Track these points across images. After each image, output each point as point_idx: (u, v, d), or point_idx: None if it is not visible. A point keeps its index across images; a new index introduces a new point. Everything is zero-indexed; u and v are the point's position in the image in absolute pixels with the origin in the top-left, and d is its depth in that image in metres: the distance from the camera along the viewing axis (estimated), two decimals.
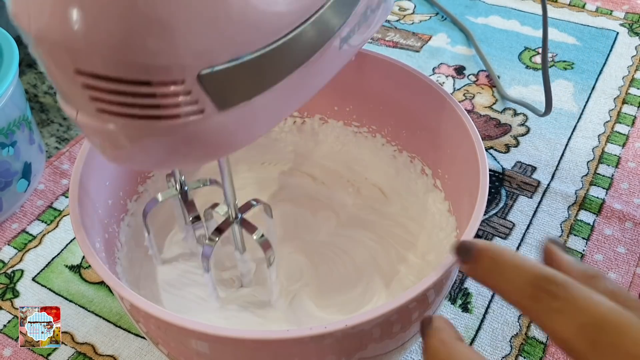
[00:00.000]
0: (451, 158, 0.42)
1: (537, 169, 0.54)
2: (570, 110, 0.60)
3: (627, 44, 0.67)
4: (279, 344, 0.30)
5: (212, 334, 0.29)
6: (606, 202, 0.51)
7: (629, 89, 0.62)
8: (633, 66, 0.64)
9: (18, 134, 0.50)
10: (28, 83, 0.66)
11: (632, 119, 0.59)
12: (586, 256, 0.48)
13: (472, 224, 0.33)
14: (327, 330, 0.28)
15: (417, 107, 0.44)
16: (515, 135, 0.58)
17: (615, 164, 0.55)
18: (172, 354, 0.36)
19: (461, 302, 0.45)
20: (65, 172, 0.56)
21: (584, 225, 0.50)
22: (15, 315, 0.46)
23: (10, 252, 0.50)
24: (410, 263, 0.45)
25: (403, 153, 0.47)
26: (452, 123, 0.40)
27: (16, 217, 0.52)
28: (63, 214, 0.52)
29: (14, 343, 0.44)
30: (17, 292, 0.47)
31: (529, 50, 0.67)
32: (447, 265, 0.31)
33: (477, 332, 0.44)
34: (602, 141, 0.57)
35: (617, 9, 0.71)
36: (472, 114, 0.60)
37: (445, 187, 0.44)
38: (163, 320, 0.30)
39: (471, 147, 0.37)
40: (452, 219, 0.42)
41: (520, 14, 0.72)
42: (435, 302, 0.35)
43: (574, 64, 0.65)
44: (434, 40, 0.69)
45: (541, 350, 0.42)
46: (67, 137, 0.60)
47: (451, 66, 0.65)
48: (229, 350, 0.33)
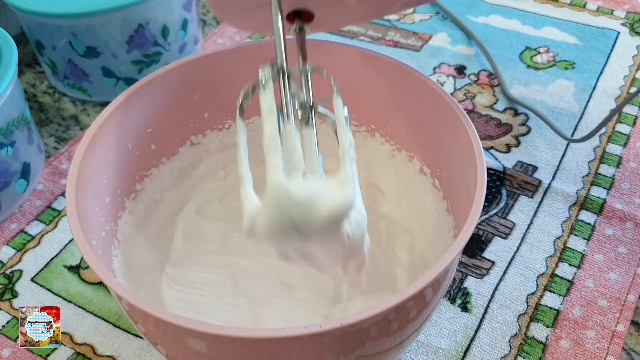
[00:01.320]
0: (450, 157, 0.42)
1: (538, 168, 0.54)
2: (571, 109, 0.60)
3: (628, 44, 0.67)
4: (277, 343, 0.30)
5: (210, 333, 0.29)
6: (607, 202, 0.51)
7: (630, 88, 0.62)
8: (634, 66, 0.64)
9: (17, 134, 0.50)
10: (27, 83, 0.66)
11: (634, 118, 0.58)
12: (587, 256, 0.48)
13: (469, 224, 0.32)
14: (322, 329, 0.28)
15: (416, 107, 0.44)
16: (516, 135, 0.57)
17: (616, 164, 0.54)
18: (170, 355, 0.36)
19: (460, 301, 0.45)
20: (64, 172, 0.56)
21: (585, 225, 0.50)
22: (14, 316, 0.46)
23: (9, 253, 0.50)
24: (407, 262, 0.45)
25: (402, 152, 0.47)
26: (451, 122, 0.40)
27: (15, 217, 0.52)
28: (62, 214, 0.52)
29: (13, 344, 0.44)
30: (16, 292, 0.47)
31: (530, 49, 0.67)
32: (444, 264, 0.31)
33: (476, 332, 0.43)
34: (603, 141, 0.56)
35: (618, 8, 0.71)
36: (472, 113, 0.60)
37: (443, 187, 0.44)
38: (160, 319, 0.30)
39: (469, 146, 0.37)
40: (450, 218, 0.42)
41: (521, 14, 0.71)
42: (433, 301, 0.34)
43: (575, 64, 0.65)
44: (435, 40, 0.69)
45: (540, 350, 0.42)
46: (66, 137, 0.60)
47: (452, 66, 0.65)
48: (228, 349, 0.33)
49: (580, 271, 0.47)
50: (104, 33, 0.57)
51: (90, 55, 0.58)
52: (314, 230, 0.32)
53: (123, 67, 0.60)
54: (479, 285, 0.46)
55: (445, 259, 0.31)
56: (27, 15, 0.57)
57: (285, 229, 0.32)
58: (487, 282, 0.46)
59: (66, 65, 0.60)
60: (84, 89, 0.62)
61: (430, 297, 0.33)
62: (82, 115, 0.62)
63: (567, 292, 0.45)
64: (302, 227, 0.32)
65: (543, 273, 0.47)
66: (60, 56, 0.59)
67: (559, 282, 0.46)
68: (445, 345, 0.43)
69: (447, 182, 0.43)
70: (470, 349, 0.43)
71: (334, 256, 0.36)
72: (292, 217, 0.32)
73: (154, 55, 0.61)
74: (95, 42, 0.58)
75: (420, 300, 0.33)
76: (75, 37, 0.57)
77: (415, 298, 0.30)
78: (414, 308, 0.33)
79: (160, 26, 0.59)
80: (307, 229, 0.32)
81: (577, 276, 0.46)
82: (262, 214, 0.32)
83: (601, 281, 0.46)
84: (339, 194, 0.32)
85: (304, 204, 0.32)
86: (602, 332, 0.43)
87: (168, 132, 0.46)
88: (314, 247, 0.35)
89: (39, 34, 0.59)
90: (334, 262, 0.37)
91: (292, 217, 0.32)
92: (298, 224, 0.32)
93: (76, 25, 0.56)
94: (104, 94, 0.62)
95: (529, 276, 0.47)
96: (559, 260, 0.47)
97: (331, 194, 0.32)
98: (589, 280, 0.46)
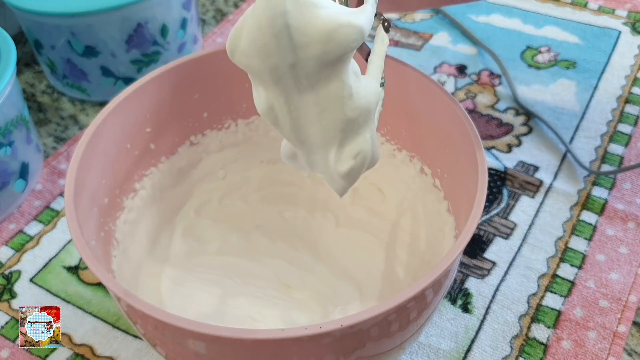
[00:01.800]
0: (450, 157, 0.41)
1: (539, 168, 0.54)
2: (572, 109, 0.60)
3: (630, 43, 0.66)
4: (277, 344, 0.30)
5: (209, 334, 0.29)
6: (609, 203, 0.51)
7: (631, 88, 0.61)
8: (636, 65, 0.64)
9: (15, 134, 0.50)
10: (26, 82, 0.66)
11: (635, 118, 0.58)
12: (588, 257, 0.47)
13: (470, 224, 0.32)
14: (322, 330, 0.28)
15: (416, 106, 0.44)
16: (517, 135, 0.57)
17: (618, 164, 0.54)
18: (170, 356, 0.36)
19: (461, 302, 0.45)
20: (63, 172, 0.56)
21: (586, 226, 0.50)
22: (13, 317, 0.45)
23: (7, 253, 0.50)
24: (408, 262, 0.44)
25: (402, 152, 0.47)
26: (452, 122, 0.40)
27: (14, 217, 0.52)
28: (61, 215, 0.52)
29: (12, 344, 0.44)
30: (15, 293, 0.47)
31: (531, 49, 0.66)
32: (445, 264, 0.31)
33: (477, 333, 0.43)
34: (604, 141, 0.56)
35: (620, 7, 0.71)
36: (473, 113, 0.60)
37: (444, 187, 0.43)
38: (159, 320, 0.30)
39: (470, 146, 0.37)
40: (451, 218, 0.42)
41: (522, 13, 0.71)
42: (433, 302, 0.34)
43: (576, 63, 0.64)
44: (435, 39, 0.68)
45: (542, 351, 0.42)
46: (65, 137, 0.59)
47: (453, 65, 0.65)
48: (227, 351, 0.33)
49: (581, 272, 0.46)
50: (103, 32, 0.57)
51: (89, 54, 0.58)
52: (311, 48, 0.28)
53: (122, 67, 0.60)
54: (480, 285, 0.46)
55: (446, 260, 0.31)
56: (26, 14, 0.56)
57: (276, 35, 0.28)
58: (488, 282, 0.46)
59: (65, 64, 0.60)
60: (82, 89, 0.62)
61: (431, 297, 0.33)
62: (81, 115, 0.62)
63: (568, 292, 0.45)
64: (297, 36, 0.28)
65: (544, 274, 0.47)
66: (59, 56, 0.59)
67: (560, 283, 0.46)
68: (446, 346, 0.43)
69: (448, 182, 0.43)
70: (471, 350, 0.42)
71: (330, 128, 0.31)
72: (287, 14, 0.27)
73: (153, 54, 0.60)
74: (94, 42, 0.57)
75: (421, 301, 0.33)
76: (74, 36, 0.57)
77: (415, 299, 0.30)
78: (415, 309, 0.33)
79: (160, 25, 0.59)
80: (302, 39, 0.28)
81: (578, 277, 0.46)
82: (252, 12, 0.28)
83: (602, 282, 0.46)
84: (349, 13, 0.28)
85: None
86: (604, 332, 0.43)
87: (167, 131, 0.46)
88: (308, 102, 0.30)
89: (38, 33, 0.58)
90: (327, 140, 0.32)
91: (287, 14, 0.27)
92: (292, 27, 0.27)
93: (75, 25, 0.56)
94: (103, 93, 0.62)
95: (530, 277, 0.46)
96: (560, 261, 0.47)
97: (339, 9, 0.28)
98: (591, 280, 0.46)
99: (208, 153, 0.49)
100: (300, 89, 0.29)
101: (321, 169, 0.34)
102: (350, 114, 0.31)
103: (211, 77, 0.46)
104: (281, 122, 0.31)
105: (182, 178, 0.48)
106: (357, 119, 0.31)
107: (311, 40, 0.28)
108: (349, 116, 0.31)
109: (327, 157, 0.32)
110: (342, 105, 0.30)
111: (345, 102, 0.30)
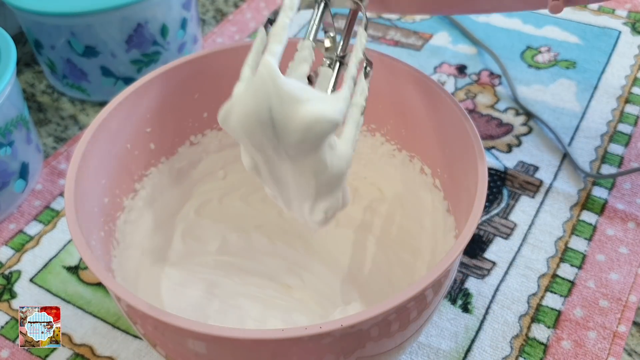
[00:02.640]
0: (450, 157, 0.41)
1: (539, 168, 0.54)
2: (572, 109, 0.60)
3: (630, 43, 0.66)
4: (277, 344, 0.30)
5: (209, 334, 0.29)
6: (609, 203, 0.51)
7: (631, 88, 0.61)
8: (636, 65, 0.64)
9: (15, 134, 0.50)
10: (26, 82, 0.66)
11: (635, 118, 0.58)
12: (588, 256, 0.47)
13: (471, 224, 0.32)
14: (322, 330, 0.28)
15: (416, 106, 0.44)
16: (517, 135, 0.57)
17: (618, 164, 0.54)
18: (170, 356, 0.36)
19: (461, 302, 0.45)
20: (62, 172, 0.56)
21: (586, 226, 0.50)
22: (13, 317, 0.45)
23: (7, 253, 0.50)
24: (408, 263, 0.44)
25: (402, 152, 0.47)
26: (451, 122, 0.40)
27: (14, 217, 0.52)
28: (61, 215, 0.52)
29: (12, 344, 0.44)
30: (15, 293, 0.47)
31: (531, 49, 0.66)
32: (445, 264, 0.31)
33: (477, 333, 0.43)
34: (604, 141, 0.56)
35: (620, 7, 0.71)
36: (473, 113, 0.60)
37: (444, 187, 0.43)
38: (159, 320, 0.30)
39: (470, 146, 0.37)
40: (451, 218, 0.42)
41: (522, 13, 0.71)
42: (433, 302, 0.34)
43: (577, 63, 0.64)
44: (435, 39, 0.68)
45: (542, 351, 0.42)
46: (65, 137, 0.59)
47: (453, 65, 0.65)
48: (227, 351, 0.33)
49: (581, 272, 0.46)
50: (103, 32, 0.57)
51: (89, 54, 0.58)
52: (291, 136, 0.31)
53: (122, 67, 0.60)
54: (480, 285, 0.46)
55: (446, 260, 0.31)
56: (26, 14, 0.56)
57: (261, 123, 0.30)
58: (488, 282, 0.46)
59: (65, 64, 0.60)
60: (82, 89, 0.62)
61: (431, 297, 0.33)
62: (80, 115, 0.62)
63: (568, 292, 0.45)
64: (279, 126, 0.30)
65: (544, 274, 0.46)
66: (59, 55, 0.59)
67: (560, 283, 0.46)
68: (446, 346, 0.43)
69: (448, 182, 0.43)
70: (471, 350, 0.42)
71: (305, 189, 0.34)
72: (272, 110, 0.30)
73: (153, 54, 0.60)
74: (94, 42, 0.57)
75: (421, 301, 0.33)
76: (74, 36, 0.57)
77: (416, 299, 0.30)
78: (415, 309, 0.33)
79: (160, 25, 0.59)
80: (283, 130, 0.30)
81: (578, 277, 0.46)
82: (241, 97, 0.31)
83: (602, 282, 0.46)
84: (328, 105, 0.30)
85: (287, 97, 0.30)
86: (604, 332, 0.43)
87: (167, 131, 0.46)
88: (287, 168, 0.33)
89: (38, 33, 0.58)
90: (303, 197, 0.35)
91: (272, 110, 0.30)
92: (275, 120, 0.30)
93: (75, 25, 0.56)
94: (103, 93, 0.61)
95: (530, 277, 0.46)
96: (560, 261, 0.47)
97: (319, 102, 0.30)
98: (591, 280, 0.46)
99: (208, 153, 0.49)
100: (281, 158, 0.33)
101: (296, 212, 0.37)
102: (324, 181, 0.34)
103: (211, 77, 0.46)
104: (263, 178, 0.36)
105: (182, 178, 0.48)
106: (329, 184, 0.34)
107: (291, 131, 0.31)
108: (322, 183, 0.34)
109: (302, 207, 0.36)
110: (317, 175, 0.33)
111: (319, 173, 0.33)
